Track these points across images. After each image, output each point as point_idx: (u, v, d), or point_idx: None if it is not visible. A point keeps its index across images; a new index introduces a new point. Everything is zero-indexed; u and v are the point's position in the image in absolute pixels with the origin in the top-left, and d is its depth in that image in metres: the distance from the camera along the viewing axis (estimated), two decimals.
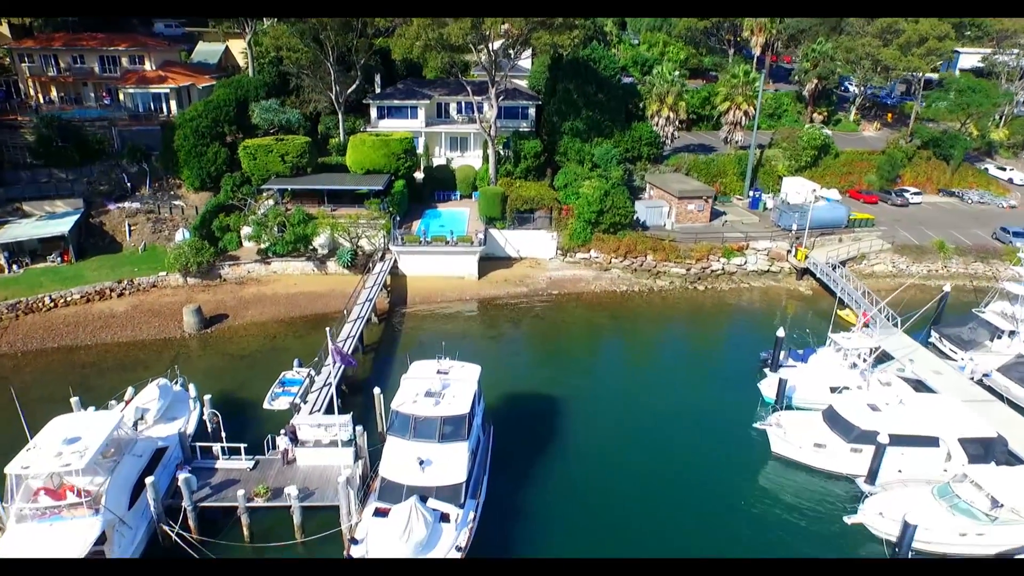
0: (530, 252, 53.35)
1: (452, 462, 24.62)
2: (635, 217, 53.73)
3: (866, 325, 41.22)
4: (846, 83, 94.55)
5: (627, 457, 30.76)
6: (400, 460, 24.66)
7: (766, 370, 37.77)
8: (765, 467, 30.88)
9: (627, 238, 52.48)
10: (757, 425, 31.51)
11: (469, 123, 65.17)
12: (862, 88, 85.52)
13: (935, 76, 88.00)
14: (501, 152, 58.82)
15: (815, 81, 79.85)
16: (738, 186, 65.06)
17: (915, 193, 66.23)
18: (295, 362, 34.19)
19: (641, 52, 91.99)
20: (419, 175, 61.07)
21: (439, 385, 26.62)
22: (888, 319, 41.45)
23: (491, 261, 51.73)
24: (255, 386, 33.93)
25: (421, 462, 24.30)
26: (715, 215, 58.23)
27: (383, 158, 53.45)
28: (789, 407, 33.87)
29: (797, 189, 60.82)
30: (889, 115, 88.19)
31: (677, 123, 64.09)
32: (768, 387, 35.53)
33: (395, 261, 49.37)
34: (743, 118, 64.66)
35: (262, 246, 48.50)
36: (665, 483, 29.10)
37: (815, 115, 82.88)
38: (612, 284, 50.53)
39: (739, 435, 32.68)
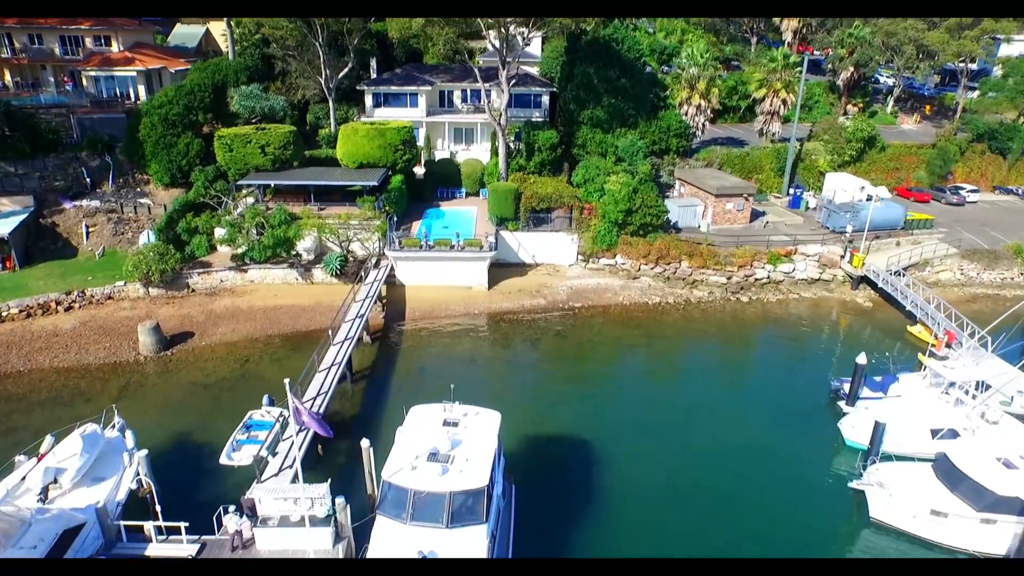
0: (547, 258, 46.58)
1: (465, 555, 17.84)
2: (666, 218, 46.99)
3: (948, 346, 34.63)
4: (877, 74, 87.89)
5: (680, 521, 24.03)
6: (393, 553, 17.89)
7: (842, 404, 31.03)
8: (860, 538, 24.16)
9: (659, 242, 45.70)
10: (853, 485, 24.71)
11: (476, 113, 58.58)
12: (899, 78, 78.67)
13: (974, 66, 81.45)
14: (511, 145, 52.13)
15: (851, 69, 73.15)
16: (776, 183, 58.32)
17: (972, 191, 59.46)
18: (264, 400, 27.37)
19: (659, 40, 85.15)
20: (419, 170, 54.50)
21: (447, 443, 19.85)
22: (974, 338, 34.61)
23: (503, 268, 44.97)
24: (216, 427, 27.21)
25: (422, 556, 17.53)
26: (754, 216, 51.49)
27: (378, 150, 46.70)
28: (885, 457, 27.00)
29: (844, 186, 54.13)
30: (927, 107, 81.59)
31: (709, 112, 57.28)
32: (852, 428, 28.77)
33: (392, 268, 42.63)
34: (781, 107, 57.90)
35: (237, 251, 41.73)
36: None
37: (849, 106, 76.27)
38: (642, 295, 43.74)
39: (819, 491, 26.05)
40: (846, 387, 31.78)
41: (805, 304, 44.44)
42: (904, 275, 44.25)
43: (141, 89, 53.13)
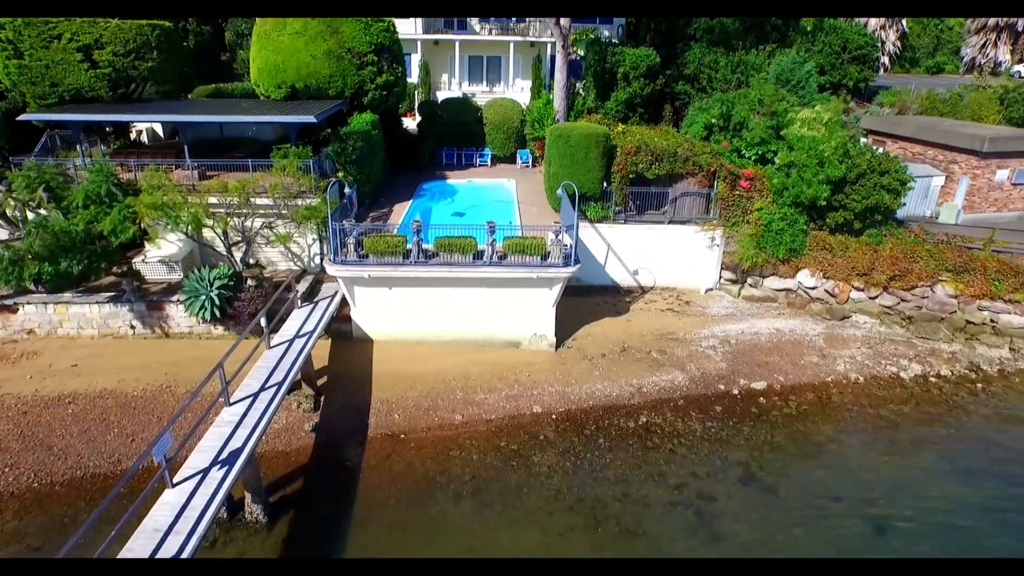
0: (665, 275, 23.56)
1: None
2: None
3: None
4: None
5: None
6: None
7: None
8: None
9: (889, 246, 22.67)
10: None
11: (503, 33, 35.64)
12: None
13: None
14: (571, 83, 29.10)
15: None
16: None
17: None
18: None
19: None
20: (411, 123, 31.78)
21: None
22: None
23: (578, 296, 21.97)
24: None
25: None
26: None
27: (327, 63, 23.44)
28: None
29: None
30: None
31: (900, 26, 34.13)
32: None
33: (341, 303, 19.55)
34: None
35: None
36: None
37: None
38: (877, 357, 20.57)
39: None
40: None
41: None
42: None
43: None
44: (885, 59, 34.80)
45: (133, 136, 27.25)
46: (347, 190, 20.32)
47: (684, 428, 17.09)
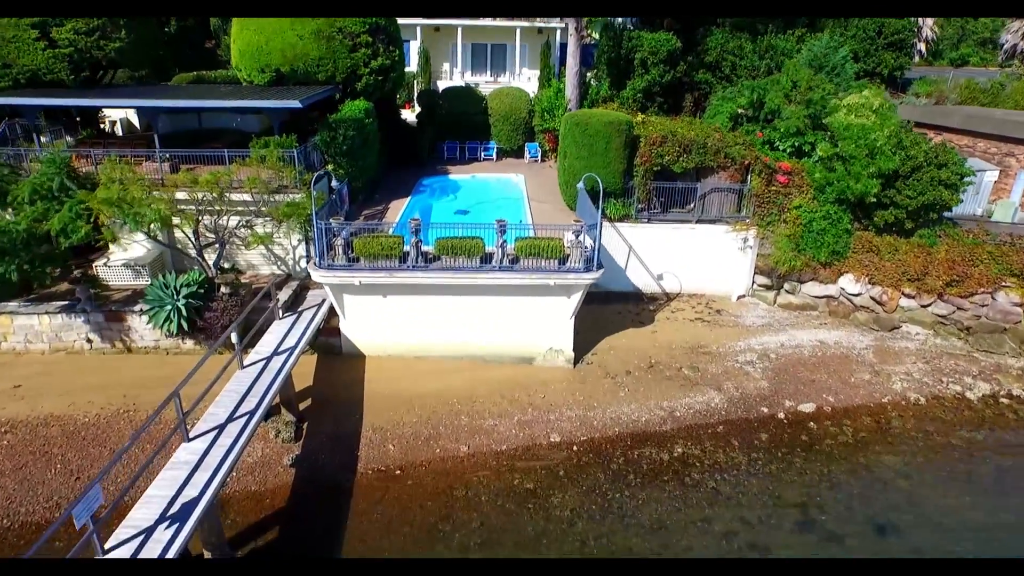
0: (692, 280, 21.14)
1: None
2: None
3: None
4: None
5: None
6: None
7: None
8: None
9: (944, 249, 20.26)
10: None
11: (509, 19, 33.17)
12: None
13: None
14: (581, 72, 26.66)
15: None
16: None
17: None
18: None
19: None
20: (410, 115, 29.44)
21: None
22: None
23: (595, 305, 19.51)
24: None
25: None
26: None
27: (315, 44, 20.98)
28: None
29: None
30: None
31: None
32: None
33: (329, 313, 17.14)
34: None
35: None
36: None
37: None
38: (934, 374, 18.16)
39: None
40: None
41: None
42: None
43: None
44: (921, 46, 32.46)
45: (105, 127, 24.90)
46: (335, 184, 17.92)
47: (726, 460, 14.65)
